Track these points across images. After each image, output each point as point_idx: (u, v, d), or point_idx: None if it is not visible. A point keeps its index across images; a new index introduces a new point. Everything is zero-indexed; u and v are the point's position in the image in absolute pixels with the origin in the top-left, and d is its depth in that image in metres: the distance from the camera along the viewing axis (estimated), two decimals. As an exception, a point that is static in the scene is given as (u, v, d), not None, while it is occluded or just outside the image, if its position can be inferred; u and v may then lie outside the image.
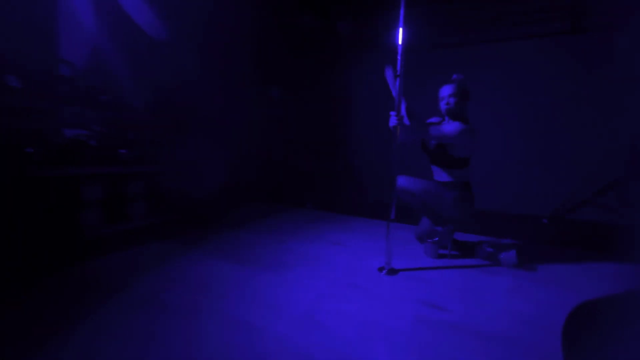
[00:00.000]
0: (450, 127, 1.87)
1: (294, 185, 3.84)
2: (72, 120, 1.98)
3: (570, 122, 2.77)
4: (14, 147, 1.70)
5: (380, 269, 1.84)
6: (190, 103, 3.13)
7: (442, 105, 2.00)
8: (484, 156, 1.89)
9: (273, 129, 3.92)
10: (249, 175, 3.75)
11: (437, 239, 2.03)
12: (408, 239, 2.38)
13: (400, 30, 1.67)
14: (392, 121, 1.76)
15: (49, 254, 1.80)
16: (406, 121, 2.05)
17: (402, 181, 2.01)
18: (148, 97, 2.62)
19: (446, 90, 1.99)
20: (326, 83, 3.75)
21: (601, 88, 2.64)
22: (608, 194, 2.63)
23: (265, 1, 3.44)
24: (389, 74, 1.85)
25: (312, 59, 3.74)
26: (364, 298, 1.52)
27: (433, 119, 2.14)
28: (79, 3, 2.17)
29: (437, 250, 2.03)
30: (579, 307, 1.18)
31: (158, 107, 2.68)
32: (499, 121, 2.95)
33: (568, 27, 2.73)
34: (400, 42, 1.68)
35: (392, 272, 1.81)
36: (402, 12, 1.65)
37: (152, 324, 1.28)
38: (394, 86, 1.79)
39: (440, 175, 2.03)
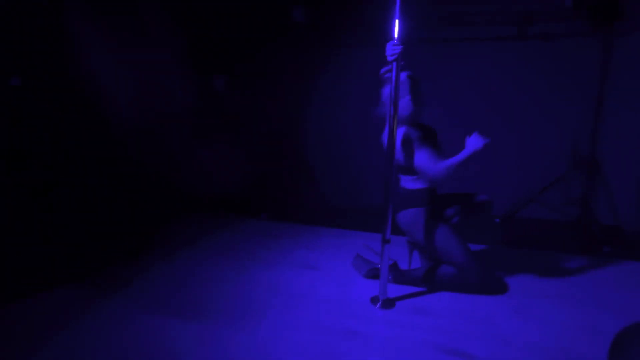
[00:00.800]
0: None
1: (243, 190, 3.31)
2: None
3: (521, 123, 2.79)
4: None
5: (374, 301, 1.52)
6: (99, 81, 2.38)
7: None
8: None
9: (216, 124, 3.31)
10: (186, 179, 3.11)
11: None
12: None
13: (397, 21, 1.37)
14: (393, 50, 1.33)
15: None
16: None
17: None
18: (27, 65, 1.84)
19: None
20: (280, 74, 3.26)
21: (547, 92, 2.70)
22: (552, 192, 2.69)
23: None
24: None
25: (266, 46, 3.20)
26: (369, 352, 1.18)
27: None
28: None
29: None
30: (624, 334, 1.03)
31: (45, 80, 1.91)
32: (449, 122, 2.86)
33: (515, 32, 2.74)
34: (396, 35, 1.37)
35: (388, 303, 1.50)
36: (398, 2, 1.35)
37: None
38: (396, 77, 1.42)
39: None
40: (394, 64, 1.35)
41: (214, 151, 3.29)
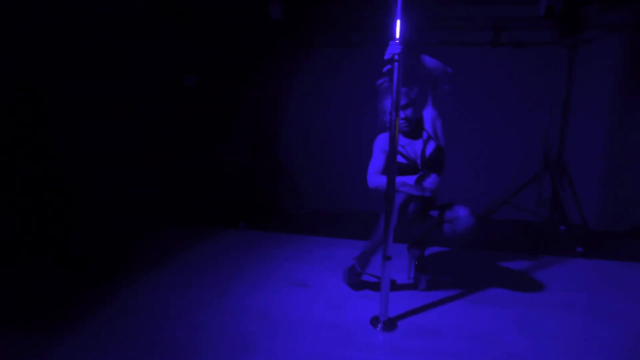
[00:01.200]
0: None
1: (216, 198, 3.06)
2: None
3: (493, 126, 2.78)
4: None
5: (374, 322, 1.40)
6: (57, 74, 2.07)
7: None
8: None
9: (184, 125, 3.03)
10: (151, 189, 2.82)
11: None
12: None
13: (398, 22, 1.25)
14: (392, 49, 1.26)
15: None
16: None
17: None
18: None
19: None
20: (253, 74, 3.02)
21: (519, 96, 2.71)
22: (525, 193, 2.71)
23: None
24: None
25: (243, 45, 2.94)
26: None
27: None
28: None
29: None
30: None
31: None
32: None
33: (489, 38, 2.74)
34: (397, 35, 1.26)
35: (390, 325, 1.39)
36: (399, 1, 1.24)
37: None
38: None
39: None
40: (396, 64, 1.23)
41: (184, 157, 3.02)
